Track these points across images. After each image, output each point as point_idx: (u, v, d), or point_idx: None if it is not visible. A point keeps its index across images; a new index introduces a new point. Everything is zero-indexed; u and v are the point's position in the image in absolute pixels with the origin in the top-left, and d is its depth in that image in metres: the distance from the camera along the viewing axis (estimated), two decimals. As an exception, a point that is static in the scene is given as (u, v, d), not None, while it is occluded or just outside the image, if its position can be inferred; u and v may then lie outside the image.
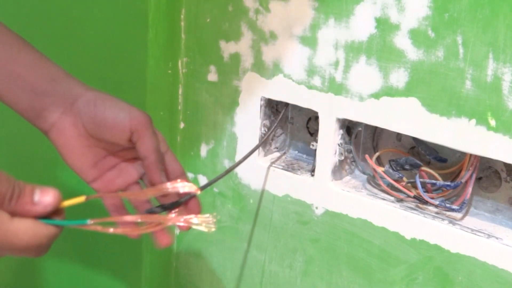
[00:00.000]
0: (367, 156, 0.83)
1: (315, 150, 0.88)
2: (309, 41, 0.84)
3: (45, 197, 0.51)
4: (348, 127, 0.87)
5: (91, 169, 0.65)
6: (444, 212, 0.80)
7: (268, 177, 0.93)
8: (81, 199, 0.55)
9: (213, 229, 0.59)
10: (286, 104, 0.93)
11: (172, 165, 0.67)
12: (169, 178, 0.66)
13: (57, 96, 0.63)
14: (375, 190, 0.86)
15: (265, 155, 0.95)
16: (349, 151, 0.88)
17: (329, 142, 0.86)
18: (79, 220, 0.54)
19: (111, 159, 0.66)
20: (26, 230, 0.49)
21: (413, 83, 0.76)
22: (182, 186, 0.58)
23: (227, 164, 0.98)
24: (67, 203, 0.54)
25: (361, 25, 0.78)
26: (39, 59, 0.64)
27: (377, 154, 0.87)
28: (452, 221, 0.79)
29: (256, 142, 0.93)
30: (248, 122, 0.94)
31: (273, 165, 0.93)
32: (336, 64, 0.82)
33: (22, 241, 0.49)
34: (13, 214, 0.49)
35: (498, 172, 0.79)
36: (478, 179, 0.81)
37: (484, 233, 0.76)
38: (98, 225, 0.55)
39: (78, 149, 0.63)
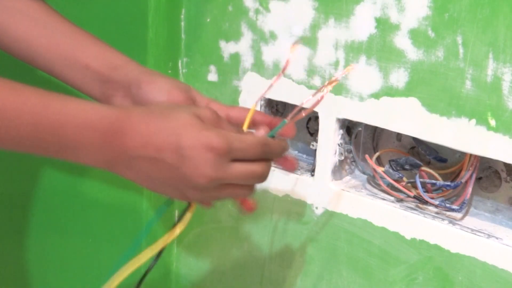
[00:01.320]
0: (367, 156, 0.83)
1: (315, 150, 0.88)
2: (309, 41, 0.84)
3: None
4: (348, 127, 0.87)
5: None
6: (444, 212, 0.80)
7: (268, 177, 0.93)
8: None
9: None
10: (284, 104, 0.93)
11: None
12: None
13: (117, 81, 0.70)
14: (375, 190, 0.86)
15: (265, 155, 0.95)
16: (349, 151, 0.88)
17: (329, 142, 0.86)
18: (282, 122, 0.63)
19: None
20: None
21: (413, 83, 0.76)
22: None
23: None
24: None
25: (361, 25, 0.78)
26: (103, 48, 0.72)
27: (377, 154, 0.87)
28: (452, 221, 0.79)
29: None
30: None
31: (273, 165, 0.93)
32: (336, 64, 0.82)
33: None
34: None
35: (498, 172, 0.79)
36: (478, 179, 0.81)
37: (484, 233, 0.76)
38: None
39: None
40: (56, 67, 0.72)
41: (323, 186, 0.87)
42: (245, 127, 0.65)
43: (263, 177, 0.63)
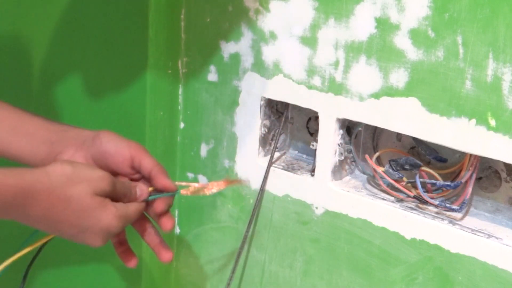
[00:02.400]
0: (367, 156, 0.83)
1: (315, 150, 0.88)
2: (309, 41, 0.84)
3: (143, 194, 0.72)
4: (348, 127, 0.87)
5: None
6: (444, 212, 0.80)
7: (268, 177, 0.93)
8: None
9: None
10: (287, 105, 0.93)
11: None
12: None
13: (69, 140, 0.74)
14: (375, 190, 0.86)
15: (265, 155, 0.95)
16: (349, 151, 0.88)
17: (329, 142, 0.86)
18: (173, 192, 0.73)
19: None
20: (136, 207, 0.71)
21: (413, 83, 0.76)
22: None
23: (227, 164, 0.98)
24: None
25: (361, 25, 0.78)
26: (47, 119, 0.76)
27: (377, 154, 0.87)
28: (452, 221, 0.79)
29: (256, 142, 0.93)
30: (248, 122, 0.94)
31: (273, 165, 0.93)
32: (336, 64, 0.82)
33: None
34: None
35: (498, 172, 0.79)
36: (478, 179, 0.81)
37: (484, 233, 0.76)
38: (189, 192, 0.75)
39: None
40: (1, 138, 0.74)
41: (323, 186, 0.87)
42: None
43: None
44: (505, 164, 0.78)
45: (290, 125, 0.97)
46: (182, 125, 1.03)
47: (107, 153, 0.74)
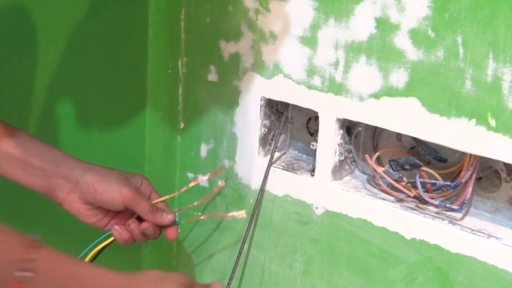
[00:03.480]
0: (367, 156, 0.83)
1: (315, 150, 0.88)
2: (309, 41, 0.84)
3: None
4: (348, 127, 0.87)
5: (101, 220, 0.84)
6: (444, 212, 0.80)
7: (268, 177, 0.93)
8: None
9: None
10: (287, 105, 0.93)
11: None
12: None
13: (62, 178, 0.80)
14: (375, 190, 0.86)
15: (265, 155, 0.95)
16: (349, 151, 0.88)
17: (329, 142, 0.86)
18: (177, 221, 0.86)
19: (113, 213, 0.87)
20: None
21: (413, 83, 0.76)
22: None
23: (227, 164, 0.98)
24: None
25: (361, 25, 0.78)
26: (42, 146, 0.80)
27: (377, 154, 0.87)
28: (452, 221, 0.79)
29: (256, 142, 0.93)
30: (248, 122, 0.94)
31: (273, 165, 0.93)
32: (336, 64, 0.82)
33: None
34: None
35: (498, 172, 0.79)
36: (478, 179, 0.81)
37: (484, 233, 0.76)
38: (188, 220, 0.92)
39: (87, 213, 0.83)
40: None
41: (323, 186, 0.87)
42: (154, 202, 0.86)
43: None
44: (505, 164, 0.78)
45: (290, 125, 0.97)
46: (182, 125, 1.03)
47: (102, 201, 0.81)
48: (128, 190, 0.81)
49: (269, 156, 0.94)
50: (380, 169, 0.83)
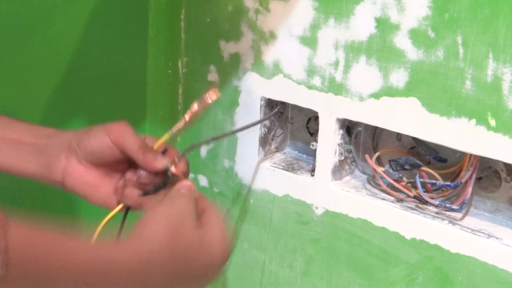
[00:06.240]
0: (367, 156, 0.83)
1: (315, 150, 0.88)
2: (309, 41, 0.84)
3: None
4: (348, 127, 0.87)
5: (112, 196, 0.72)
6: (444, 212, 0.80)
7: (268, 177, 0.93)
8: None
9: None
10: (283, 102, 0.93)
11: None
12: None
13: (56, 146, 0.70)
14: (375, 190, 0.86)
15: (265, 155, 0.95)
16: (349, 151, 0.88)
17: (329, 142, 0.86)
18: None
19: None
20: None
21: (413, 83, 0.76)
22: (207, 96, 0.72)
23: (227, 164, 0.98)
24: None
25: (361, 25, 0.78)
26: (29, 124, 0.72)
27: (377, 154, 0.87)
28: (452, 221, 0.79)
29: (256, 142, 0.93)
30: (248, 122, 0.94)
31: (273, 165, 0.93)
32: (336, 64, 0.82)
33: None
34: None
35: (498, 172, 0.79)
36: (478, 179, 0.81)
37: (484, 233, 0.76)
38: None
39: (94, 184, 0.71)
40: None
41: (323, 186, 0.87)
42: (155, 146, 0.72)
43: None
44: (505, 164, 0.78)
45: (290, 125, 0.97)
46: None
47: (94, 150, 0.70)
48: (115, 123, 0.71)
49: (269, 156, 0.94)
50: (380, 169, 0.83)
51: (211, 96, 0.72)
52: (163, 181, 0.69)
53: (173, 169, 0.69)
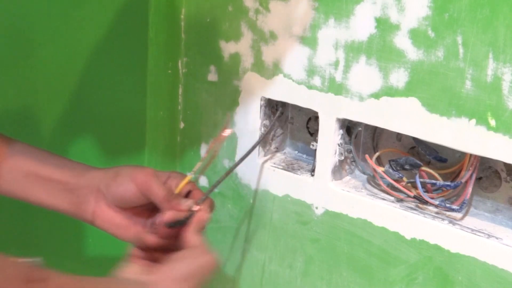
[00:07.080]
0: (367, 156, 0.83)
1: (315, 150, 0.88)
2: (309, 41, 0.84)
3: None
4: (348, 127, 0.87)
5: (141, 233, 0.75)
6: (444, 212, 0.80)
7: (268, 177, 0.93)
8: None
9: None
10: (283, 104, 0.93)
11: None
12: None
13: (86, 187, 0.73)
14: (375, 190, 0.86)
15: (265, 155, 0.95)
16: (349, 151, 0.88)
17: (329, 142, 0.86)
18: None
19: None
20: None
21: (413, 83, 0.76)
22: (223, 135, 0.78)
23: (227, 164, 0.98)
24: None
25: (361, 25, 0.78)
26: (62, 160, 0.75)
27: (377, 154, 0.87)
28: (452, 221, 0.79)
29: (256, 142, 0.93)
30: (248, 122, 0.94)
31: (273, 165, 0.93)
32: (336, 64, 0.82)
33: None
34: None
35: (498, 172, 0.79)
36: (478, 179, 0.81)
37: (484, 233, 0.76)
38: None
39: (121, 222, 0.75)
40: (17, 187, 0.73)
41: (323, 186, 0.87)
42: (177, 190, 0.76)
43: None
44: (505, 164, 0.78)
45: (290, 125, 0.97)
46: (182, 125, 1.03)
47: (122, 197, 0.74)
48: (141, 171, 0.73)
49: (269, 156, 0.94)
50: (380, 169, 0.83)
51: (226, 133, 0.78)
52: (185, 217, 0.74)
53: (195, 207, 0.75)
